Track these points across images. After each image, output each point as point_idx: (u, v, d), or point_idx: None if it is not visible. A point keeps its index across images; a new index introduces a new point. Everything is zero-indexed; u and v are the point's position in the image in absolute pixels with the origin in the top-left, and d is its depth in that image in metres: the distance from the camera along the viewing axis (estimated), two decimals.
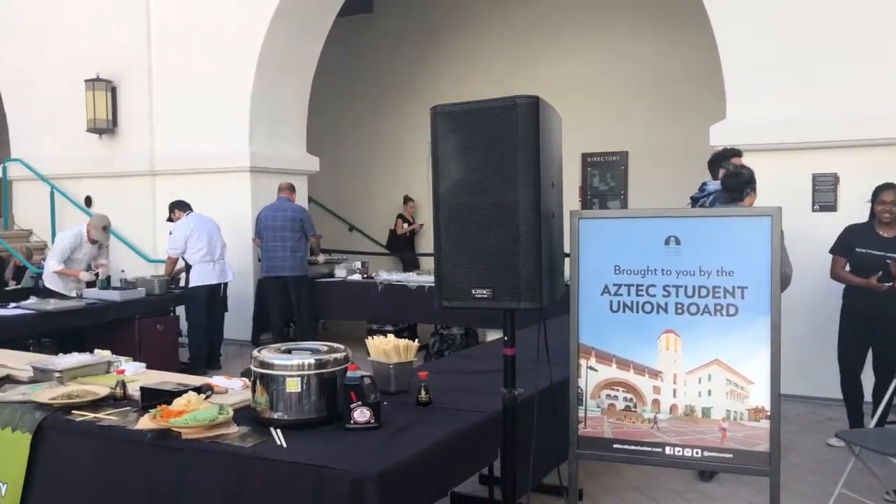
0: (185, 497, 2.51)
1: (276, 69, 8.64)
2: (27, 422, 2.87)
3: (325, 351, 2.82)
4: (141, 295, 6.73)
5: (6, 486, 2.84)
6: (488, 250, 2.28)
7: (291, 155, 9.10)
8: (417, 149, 11.91)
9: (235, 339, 8.23)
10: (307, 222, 7.81)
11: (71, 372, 3.35)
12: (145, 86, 9.06)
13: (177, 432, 2.60)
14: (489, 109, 2.25)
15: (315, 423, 2.68)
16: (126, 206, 8.90)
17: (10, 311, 5.79)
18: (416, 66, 11.71)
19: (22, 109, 10.08)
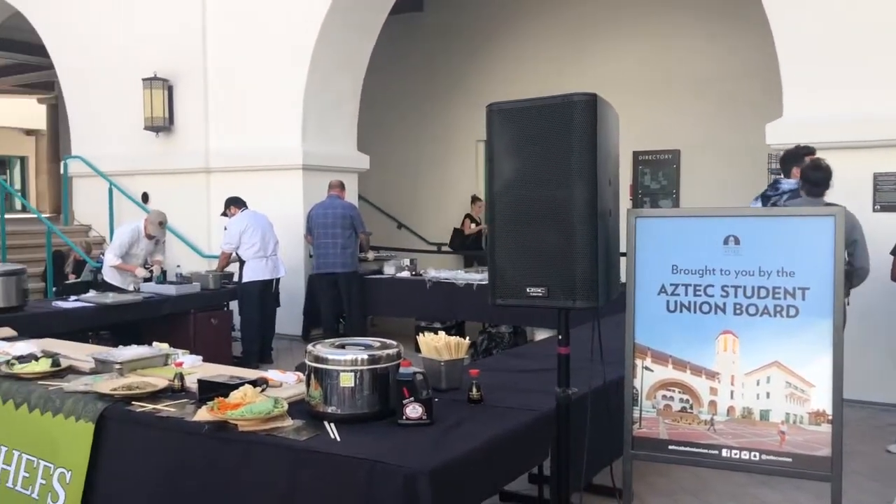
0: (243, 487, 2.55)
1: (329, 68, 8.72)
2: (90, 411, 2.96)
3: (378, 347, 2.84)
4: (196, 289, 6.86)
5: (71, 473, 2.92)
6: (544, 248, 2.28)
7: (342, 153, 9.18)
8: (466, 147, 11.93)
9: (286, 334, 8.34)
10: (357, 219, 7.88)
11: (130, 364, 3.43)
12: (201, 84, 9.23)
13: (233, 424, 2.64)
14: (546, 107, 2.25)
15: (368, 417, 2.70)
16: (181, 203, 9.08)
17: (71, 304, 5.95)
18: (465, 65, 11.71)
19: (83, 108, 10.36)
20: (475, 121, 11.57)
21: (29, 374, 3.37)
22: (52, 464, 3.00)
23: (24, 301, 5.63)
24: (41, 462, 3.03)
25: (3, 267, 5.58)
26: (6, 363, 3.50)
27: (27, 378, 3.34)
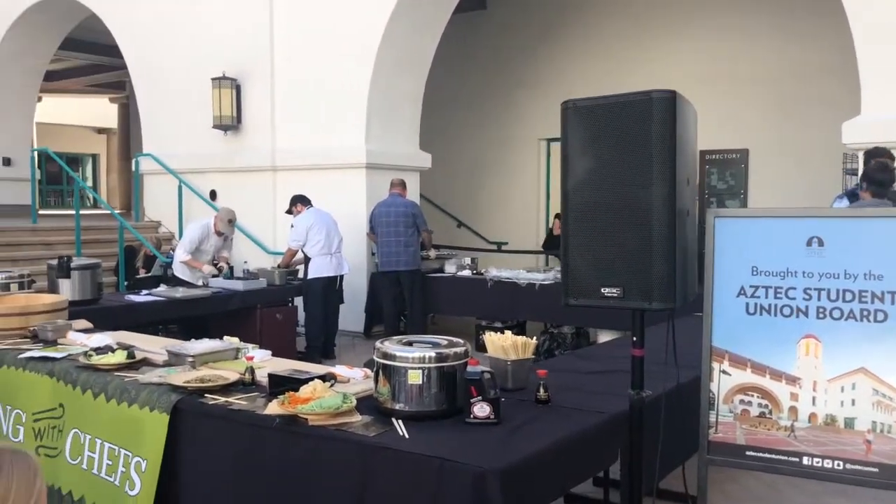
0: (313, 481, 2.58)
1: (393, 67, 8.77)
2: (164, 403, 3.02)
3: (446, 345, 2.83)
4: (262, 285, 6.98)
5: (146, 463, 2.99)
6: (619, 248, 2.23)
7: (405, 151, 9.22)
8: (528, 145, 11.86)
9: (348, 330, 8.42)
10: (419, 217, 7.91)
11: (202, 357, 3.50)
12: (267, 84, 9.39)
13: (303, 419, 2.67)
14: (624, 104, 2.20)
15: (435, 415, 2.70)
16: (248, 200, 9.25)
17: (142, 298, 6.11)
18: (528, 63, 11.64)
19: (154, 107, 10.64)
20: (538, 119, 11.51)
21: (106, 366, 3.46)
22: (130, 452, 3.08)
23: (99, 294, 5.81)
24: (121, 450, 3.11)
25: (80, 261, 5.75)
26: (84, 354, 3.61)
27: (104, 369, 3.44)
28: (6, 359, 3.80)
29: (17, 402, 3.69)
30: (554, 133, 11.22)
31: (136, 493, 3.01)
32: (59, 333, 4.09)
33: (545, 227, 11.82)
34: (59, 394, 3.48)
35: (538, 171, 11.89)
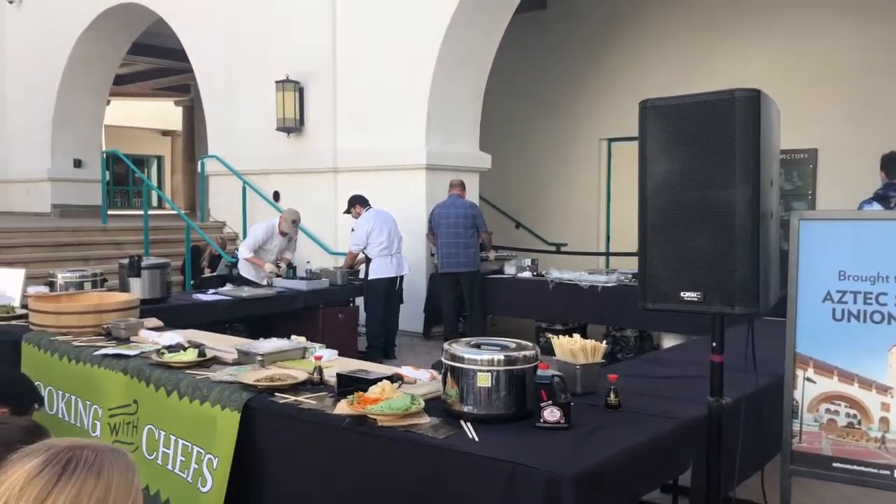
0: (384, 482, 2.58)
1: (454, 67, 8.76)
2: (235, 401, 3.06)
3: (514, 348, 2.81)
4: (325, 285, 7.05)
5: (218, 459, 3.03)
6: (700, 251, 2.17)
7: (465, 152, 9.21)
8: (588, 146, 11.74)
9: (408, 331, 8.44)
10: (479, 218, 7.88)
11: (271, 356, 3.54)
12: (330, 86, 9.49)
13: (372, 419, 2.67)
14: (705, 103, 2.14)
15: (504, 418, 2.67)
16: (310, 201, 9.35)
17: (210, 297, 6.23)
18: (589, 62, 11.52)
19: (219, 109, 10.86)
20: (599, 119, 11.37)
21: (178, 363, 3.53)
22: (202, 449, 3.13)
23: (168, 293, 5.94)
24: (194, 447, 3.17)
25: (150, 261, 5.89)
26: (157, 352, 3.69)
27: (176, 367, 3.51)
28: (82, 355, 3.91)
29: (94, 398, 3.79)
30: (615, 133, 11.18)
31: (208, 489, 3.06)
32: (132, 331, 4.19)
33: (605, 228, 11.67)
34: (134, 390, 3.56)
35: (598, 171, 11.76)
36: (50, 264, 7.92)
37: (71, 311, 4.38)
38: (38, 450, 1.12)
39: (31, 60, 13.06)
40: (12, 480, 1.07)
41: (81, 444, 1.14)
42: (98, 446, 1.15)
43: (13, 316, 4.84)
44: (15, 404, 2.49)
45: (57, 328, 4.29)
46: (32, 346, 4.26)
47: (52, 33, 12.67)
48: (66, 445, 1.13)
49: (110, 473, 1.11)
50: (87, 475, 1.09)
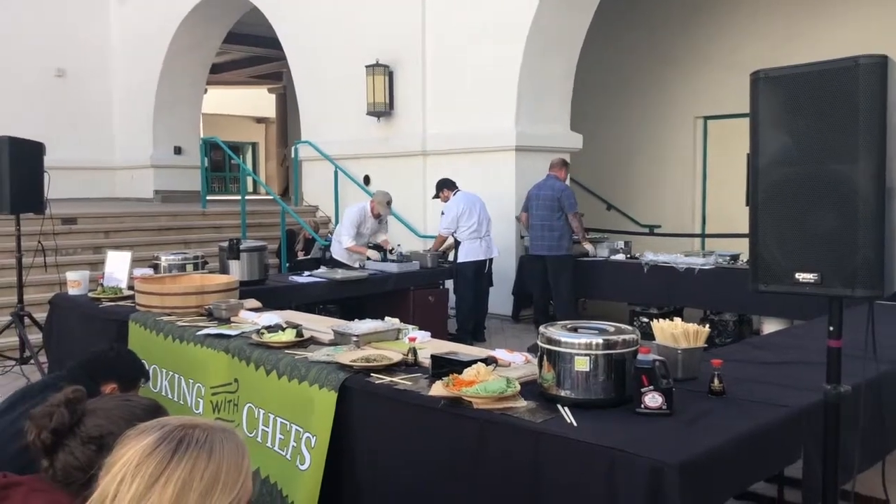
0: (481, 464, 2.56)
1: (544, 47, 8.62)
2: (332, 381, 3.10)
3: (613, 331, 2.73)
4: (415, 268, 7.09)
5: (315, 438, 3.08)
6: (817, 229, 2.03)
7: (555, 133, 9.07)
8: (682, 124, 11.37)
9: (497, 314, 8.42)
10: (564, 200, 7.63)
11: (366, 337, 3.57)
12: (419, 69, 9.50)
13: (468, 401, 2.65)
14: (825, 72, 1.99)
15: (603, 403, 2.61)
16: (400, 185, 9.40)
17: (305, 279, 6.36)
18: (681, 38, 11.13)
19: (311, 96, 11.05)
20: (694, 96, 11.00)
21: (276, 343, 3.60)
22: (301, 428, 3.18)
23: (266, 275, 6.09)
24: (293, 426, 3.23)
25: (248, 244, 6.04)
26: (256, 332, 3.78)
27: (275, 346, 3.58)
28: (186, 335, 4.05)
29: (197, 376, 3.92)
30: (711, 111, 10.80)
31: (306, 468, 3.11)
32: (232, 312, 4.31)
33: (701, 209, 11.31)
34: (235, 369, 3.66)
35: (693, 150, 11.38)
36: (153, 247, 8.27)
37: (175, 293, 4.54)
38: (153, 427, 1.14)
39: (134, 53, 13.60)
40: (129, 456, 1.09)
41: (193, 422, 1.16)
42: (209, 425, 1.16)
43: (121, 297, 5.06)
44: (123, 380, 2.58)
45: (161, 308, 4.46)
46: (139, 325, 4.44)
47: (152, 26, 13.15)
48: (178, 424, 1.15)
49: (221, 453, 1.12)
50: (199, 454, 1.10)
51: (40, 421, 1.72)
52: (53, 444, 1.70)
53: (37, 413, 1.74)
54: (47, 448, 1.70)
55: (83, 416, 1.74)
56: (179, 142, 13.73)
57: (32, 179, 6.31)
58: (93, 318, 4.94)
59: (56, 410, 1.73)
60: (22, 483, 1.81)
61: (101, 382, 2.49)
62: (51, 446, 1.70)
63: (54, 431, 1.71)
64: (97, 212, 9.90)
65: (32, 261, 6.71)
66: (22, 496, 1.78)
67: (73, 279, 5.36)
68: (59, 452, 1.69)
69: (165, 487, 1.06)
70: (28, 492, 1.79)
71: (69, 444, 1.70)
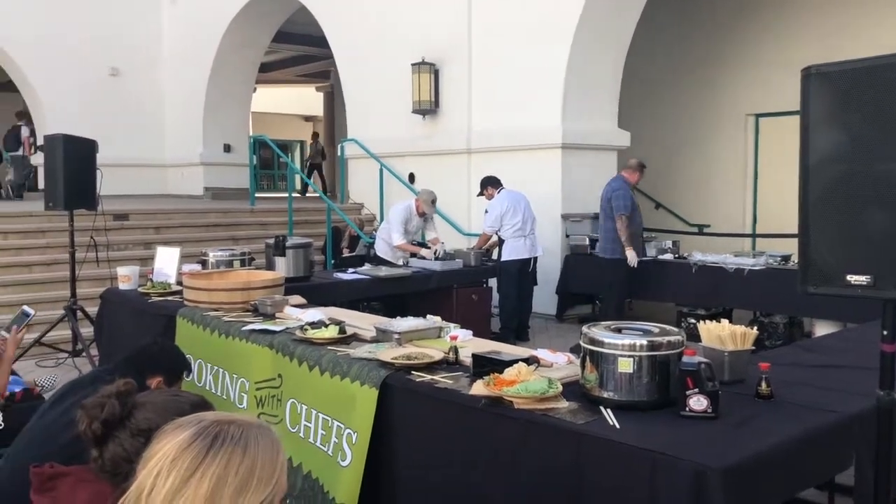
0: (523, 464, 2.54)
1: (592, 43, 8.53)
2: (373, 378, 3.11)
3: (658, 333, 2.69)
4: (458, 266, 7.08)
5: (357, 435, 3.10)
6: (870, 230, 1.96)
7: (603, 130, 8.98)
8: (733, 122, 11.14)
9: (541, 313, 8.37)
10: (615, 201, 7.43)
11: (408, 334, 3.58)
12: (465, 67, 9.49)
13: (508, 401, 2.64)
14: (878, 67, 1.92)
15: (646, 406, 2.57)
16: (444, 183, 9.40)
17: (349, 276, 6.39)
18: (731, 34, 10.90)
19: (358, 94, 11.12)
20: (745, 93, 10.77)
21: (319, 339, 3.63)
22: (342, 424, 3.20)
23: (311, 272, 6.15)
24: (334, 422, 3.25)
25: (294, 240, 6.10)
26: (300, 328, 3.81)
27: (318, 343, 3.61)
28: (231, 330, 4.10)
29: (241, 371, 3.97)
30: (763, 108, 10.55)
31: (347, 464, 3.13)
32: (277, 308, 4.35)
33: (752, 209, 11.08)
34: (278, 364, 3.69)
35: (745, 149, 11.14)
36: (202, 243, 8.40)
37: (221, 288, 4.60)
38: (189, 422, 1.15)
39: (185, 52, 13.86)
40: (165, 451, 1.10)
41: (228, 418, 1.17)
42: (244, 422, 1.17)
43: (169, 292, 5.14)
44: (168, 373, 2.61)
45: (208, 304, 4.52)
46: (186, 320, 4.51)
47: (202, 25, 13.38)
48: (213, 419, 1.16)
49: (256, 449, 1.13)
50: (234, 450, 1.11)
51: (92, 411, 1.76)
52: (104, 434, 1.74)
53: (89, 403, 1.77)
54: (97, 438, 1.74)
55: (133, 408, 1.77)
56: (229, 140, 13.95)
57: (85, 176, 6.47)
58: (142, 312, 5.04)
59: (107, 402, 1.76)
60: (69, 473, 1.85)
61: (147, 376, 2.53)
62: (101, 437, 1.73)
63: (105, 422, 1.74)
64: (148, 208, 10.12)
65: (85, 256, 6.89)
66: (69, 486, 1.82)
67: (124, 274, 5.48)
68: (109, 443, 1.73)
69: (201, 482, 1.07)
70: (75, 482, 1.83)
71: (119, 436, 1.73)
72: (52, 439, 2.19)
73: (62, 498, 1.81)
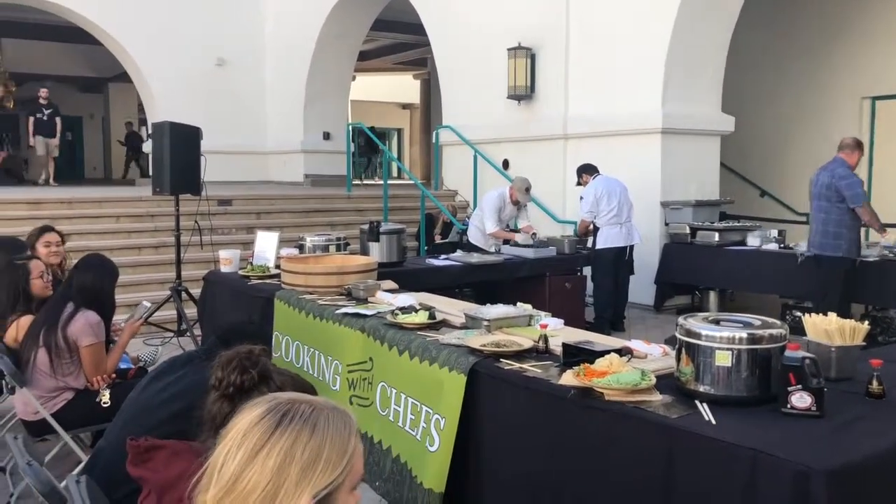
0: (612, 457, 2.48)
1: (695, 24, 8.22)
2: (462, 364, 3.10)
3: (759, 325, 2.57)
4: (552, 253, 6.99)
5: (445, 420, 3.09)
6: None
7: (705, 114, 8.66)
8: (846, 105, 10.56)
9: (638, 303, 8.18)
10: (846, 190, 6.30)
11: (497, 322, 3.55)
12: (562, 51, 9.32)
13: (599, 392, 2.58)
14: None
15: (745, 401, 2.46)
16: (539, 169, 9.30)
17: (442, 262, 6.41)
18: (845, 8, 10.29)
19: (453, 81, 11.11)
20: (860, 74, 10.16)
21: (410, 324, 3.65)
22: (430, 409, 3.21)
23: (403, 258, 6.19)
24: (423, 406, 3.26)
25: (388, 226, 6.16)
26: (391, 313, 3.84)
27: (408, 327, 3.63)
28: (325, 313, 4.17)
29: (335, 353, 4.04)
30: (879, 90, 9.92)
31: (435, 449, 3.13)
32: (370, 292, 4.40)
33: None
34: (369, 348, 3.74)
35: (859, 133, 10.51)
36: (301, 229, 8.62)
37: (317, 272, 4.69)
38: (264, 400, 1.16)
39: (286, 42, 14.19)
40: (238, 427, 1.12)
41: (302, 398, 1.17)
42: (318, 403, 1.16)
43: (268, 275, 5.29)
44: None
45: (304, 287, 4.62)
46: (283, 303, 4.62)
47: (303, 15, 13.65)
48: (287, 398, 1.17)
49: (325, 430, 1.12)
50: (303, 428, 1.11)
51: (246, 361, 1.85)
52: (252, 385, 1.81)
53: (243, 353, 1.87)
54: (243, 389, 1.80)
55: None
56: (328, 128, 14.22)
57: (190, 162, 6.72)
58: (242, 294, 5.20)
59: (259, 359, 1.87)
60: (165, 447, 1.92)
61: None
62: (250, 388, 1.79)
63: (261, 373, 1.84)
64: (251, 194, 10.44)
65: (189, 239, 7.18)
66: (164, 459, 1.89)
67: (225, 257, 5.67)
68: (253, 394, 1.76)
69: (268, 458, 1.08)
70: (169, 455, 1.89)
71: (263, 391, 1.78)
72: (150, 415, 2.27)
73: (157, 469, 1.87)
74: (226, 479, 1.08)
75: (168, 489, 1.80)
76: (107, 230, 8.66)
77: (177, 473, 1.77)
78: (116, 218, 8.91)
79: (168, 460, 1.88)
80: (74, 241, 7.37)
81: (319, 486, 1.09)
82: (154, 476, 1.87)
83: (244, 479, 1.08)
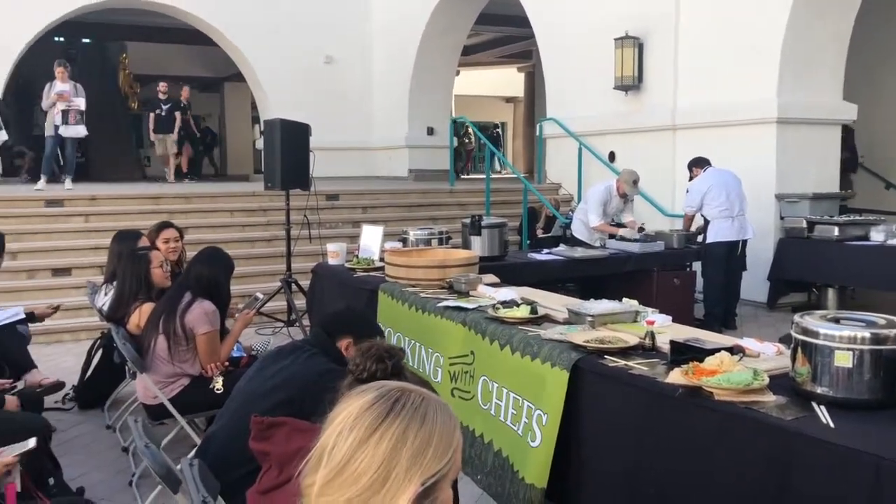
0: (720, 459, 2.39)
1: (815, 7, 7.79)
2: (564, 360, 3.06)
3: (883, 324, 2.41)
4: (659, 248, 6.80)
5: (547, 416, 3.06)
6: None
7: (824, 103, 8.20)
8: None
9: (750, 300, 7.85)
10: None
11: (601, 318, 3.48)
12: (671, 40, 9.04)
13: (708, 392, 2.49)
14: None
15: (867, 405, 2.34)
16: (646, 161, 9.04)
17: (544, 257, 6.34)
18: None
19: (558, 72, 10.97)
20: None
21: (511, 319, 3.63)
22: (532, 404, 3.18)
23: (505, 252, 6.17)
24: (525, 401, 3.24)
25: (489, 220, 6.16)
26: (492, 307, 3.83)
27: (510, 322, 3.61)
28: (427, 306, 4.21)
29: (436, 346, 4.07)
30: None
31: (537, 444, 3.10)
32: (471, 286, 4.41)
33: None
34: (471, 341, 3.74)
35: None
36: (404, 223, 8.71)
37: (419, 266, 4.74)
38: (372, 387, 1.18)
39: (391, 38, 14.37)
40: (349, 411, 1.13)
41: (410, 387, 1.18)
42: (426, 393, 1.18)
43: (373, 268, 5.39)
44: (356, 335, 2.60)
45: (407, 280, 4.69)
46: (387, 295, 4.69)
47: (408, 11, 13.79)
48: (396, 386, 1.18)
49: (434, 420, 1.13)
50: (414, 416, 1.12)
51: (385, 353, 1.99)
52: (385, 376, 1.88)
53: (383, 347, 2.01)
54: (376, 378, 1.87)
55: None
56: (432, 123, 14.31)
57: (300, 158, 6.92)
58: (348, 285, 5.32)
59: (396, 353, 2.00)
60: (285, 423, 1.99)
61: (337, 338, 2.63)
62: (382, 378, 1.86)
63: (394, 367, 1.95)
64: (357, 189, 10.65)
65: (299, 233, 7.37)
66: (284, 435, 1.97)
67: (333, 250, 5.83)
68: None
69: (380, 441, 1.09)
70: (290, 431, 1.97)
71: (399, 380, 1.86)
72: (255, 405, 2.34)
73: (277, 444, 1.95)
74: (336, 461, 1.10)
75: (287, 463, 1.87)
76: (222, 224, 9.03)
77: (296, 448, 1.83)
78: (231, 213, 9.28)
79: (289, 435, 1.96)
80: (191, 235, 7.71)
81: (428, 474, 1.10)
82: (275, 449, 1.95)
83: (355, 462, 1.09)
